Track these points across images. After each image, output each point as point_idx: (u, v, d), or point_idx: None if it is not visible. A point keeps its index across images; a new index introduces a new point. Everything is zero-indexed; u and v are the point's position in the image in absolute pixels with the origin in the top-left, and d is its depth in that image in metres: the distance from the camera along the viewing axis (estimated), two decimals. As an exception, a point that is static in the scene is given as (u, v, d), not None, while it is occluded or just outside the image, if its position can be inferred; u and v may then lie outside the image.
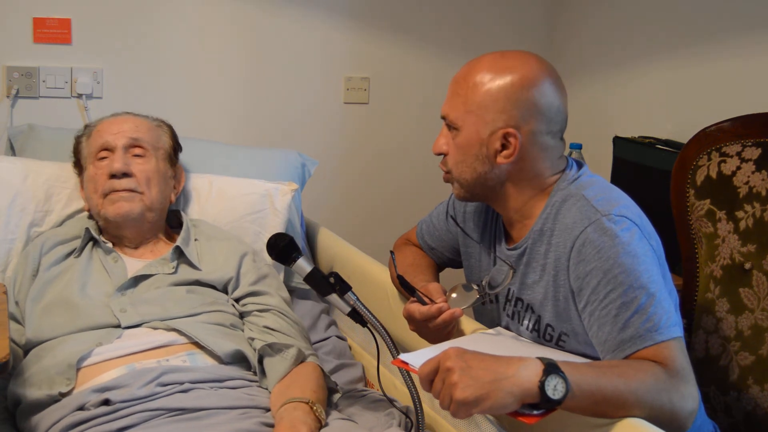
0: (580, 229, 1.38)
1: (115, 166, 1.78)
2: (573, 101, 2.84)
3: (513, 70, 1.42)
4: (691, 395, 1.27)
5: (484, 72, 1.43)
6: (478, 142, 1.44)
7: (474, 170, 1.46)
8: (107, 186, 1.79)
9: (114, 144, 1.82)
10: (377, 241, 2.38)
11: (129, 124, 1.87)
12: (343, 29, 2.76)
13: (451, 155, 1.48)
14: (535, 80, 1.42)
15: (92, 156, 1.85)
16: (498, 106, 1.42)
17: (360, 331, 1.99)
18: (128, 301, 1.68)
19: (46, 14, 2.41)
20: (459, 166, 1.48)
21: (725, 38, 2.34)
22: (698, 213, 1.81)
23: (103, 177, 1.80)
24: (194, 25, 2.59)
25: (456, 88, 1.47)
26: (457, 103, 1.45)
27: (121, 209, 1.77)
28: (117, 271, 1.75)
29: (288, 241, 1.60)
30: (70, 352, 1.55)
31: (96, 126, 1.90)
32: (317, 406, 1.49)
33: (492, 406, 1.16)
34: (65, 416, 1.45)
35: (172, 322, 1.64)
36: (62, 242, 1.82)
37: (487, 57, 1.46)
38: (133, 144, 1.83)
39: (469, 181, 1.48)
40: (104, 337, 1.60)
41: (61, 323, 1.63)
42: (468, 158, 1.46)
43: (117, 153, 1.81)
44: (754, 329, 1.70)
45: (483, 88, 1.42)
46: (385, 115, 2.88)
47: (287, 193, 2.10)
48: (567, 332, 1.43)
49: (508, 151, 1.43)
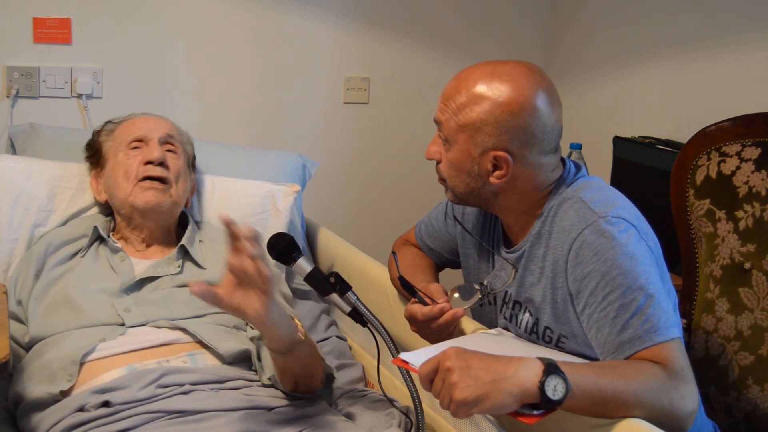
0: (577, 231, 1.38)
1: (154, 155, 1.80)
2: (573, 101, 2.86)
3: (504, 92, 1.38)
4: (691, 395, 1.27)
5: (474, 90, 1.40)
6: (470, 160, 1.43)
7: (467, 185, 1.46)
8: (141, 171, 1.80)
9: (150, 136, 1.85)
10: (377, 241, 2.38)
11: (162, 122, 1.92)
12: (343, 29, 2.76)
13: (444, 167, 1.48)
14: (526, 104, 1.38)
15: (124, 144, 1.86)
16: (488, 130, 1.40)
17: (360, 331, 1.99)
18: (132, 301, 1.68)
19: (46, 14, 2.41)
20: (452, 180, 1.47)
21: (725, 38, 2.34)
22: (698, 213, 1.81)
23: (136, 163, 1.81)
24: (194, 26, 2.59)
25: (447, 101, 1.44)
26: (448, 118, 1.43)
27: (153, 198, 1.78)
28: (124, 270, 1.75)
29: (288, 240, 1.60)
30: (73, 348, 1.55)
31: (125, 120, 1.93)
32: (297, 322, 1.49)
33: (492, 406, 1.16)
34: (65, 417, 1.45)
35: (178, 321, 1.64)
36: (68, 242, 1.82)
37: (479, 71, 1.42)
38: (168, 140, 1.87)
39: (461, 193, 1.48)
40: (108, 333, 1.60)
41: (65, 321, 1.63)
42: (461, 174, 1.45)
43: (152, 144, 1.83)
44: (753, 329, 1.70)
45: (475, 110, 1.39)
46: (385, 115, 2.88)
47: (290, 194, 2.11)
48: (566, 334, 1.43)
49: (500, 172, 1.42)
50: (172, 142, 1.88)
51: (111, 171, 1.86)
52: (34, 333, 1.64)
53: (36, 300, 1.69)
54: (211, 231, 1.92)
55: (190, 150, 1.99)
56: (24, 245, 1.88)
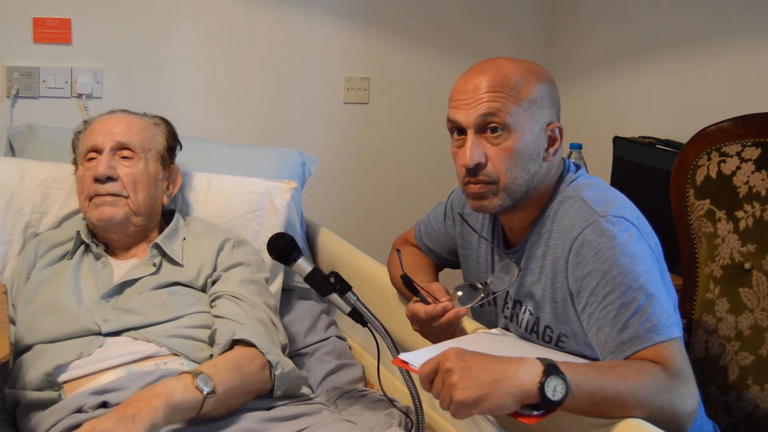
0: (578, 230, 1.38)
1: (99, 170, 1.75)
2: (573, 101, 2.86)
3: (537, 68, 1.45)
4: (691, 395, 1.27)
5: (520, 70, 1.42)
6: (533, 140, 1.42)
7: (528, 172, 1.42)
8: (92, 190, 1.76)
9: (102, 146, 1.79)
10: (377, 241, 2.38)
11: (121, 125, 1.83)
12: (343, 29, 2.76)
13: (499, 162, 1.40)
14: (552, 78, 1.48)
15: (82, 156, 1.83)
16: (546, 103, 1.43)
17: (360, 331, 1.99)
18: (111, 309, 1.66)
19: (46, 14, 2.41)
20: (512, 171, 1.41)
21: (725, 38, 2.34)
22: (698, 213, 1.81)
23: (89, 179, 1.77)
24: (194, 25, 2.59)
25: (497, 89, 1.40)
26: (506, 103, 1.39)
27: (104, 214, 1.75)
28: (103, 277, 1.73)
29: (288, 240, 1.60)
30: (51, 365, 1.54)
31: (91, 124, 1.87)
32: (202, 376, 1.40)
33: (492, 406, 1.16)
34: (64, 418, 1.45)
35: (152, 331, 1.61)
36: (58, 244, 1.81)
37: (500, 59, 1.45)
38: (121, 147, 1.80)
39: (521, 186, 1.42)
40: (85, 347, 1.58)
41: (48, 328, 1.62)
42: (523, 160, 1.41)
43: (103, 156, 1.77)
44: (753, 329, 1.70)
45: (532, 85, 1.41)
46: (385, 115, 2.88)
47: (286, 191, 2.08)
48: (566, 333, 1.43)
49: (554, 147, 1.45)
50: (127, 146, 1.80)
51: (76, 184, 1.85)
52: (19, 336, 1.63)
53: (25, 303, 1.69)
54: (196, 226, 1.89)
55: (162, 143, 1.88)
56: (18, 246, 1.88)
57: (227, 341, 1.55)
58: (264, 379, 1.54)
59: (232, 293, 1.69)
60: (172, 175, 1.92)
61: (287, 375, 1.56)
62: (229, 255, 1.80)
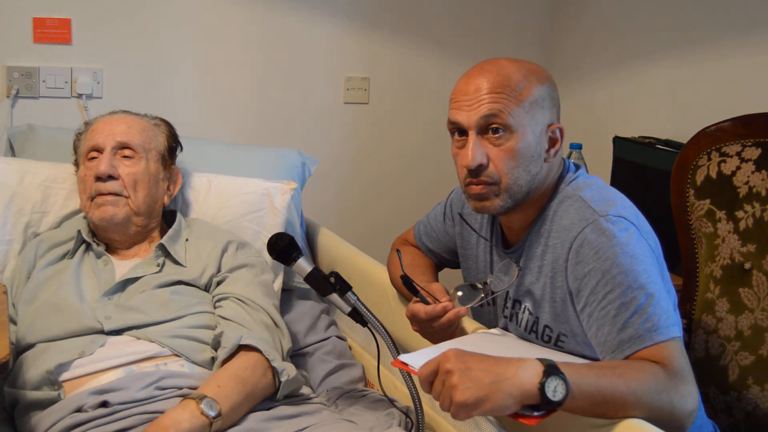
0: (577, 230, 1.38)
1: (100, 169, 1.76)
2: (573, 101, 2.86)
3: (539, 68, 1.45)
4: (691, 395, 1.27)
5: (522, 70, 1.42)
6: (534, 141, 1.42)
7: (529, 172, 1.42)
8: (93, 189, 1.77)
9: (103, 145, 1.80)
10: (377, 241, 2.38)
11: (122, 125, 1.84)
12: (343, 29, 2.76)
13: (501, 162, 1.40)
14: (552, 79, 1.47)
15: (83, 156, 1.84)
16: (547, 104, 1.43)
17: (360, 331, 1.99)
18: (113, 307, 1.66)
19: (46, 14, 2.41)
20: (514, 172, 1.40)
21: (725, 38, 2.34)
22: (698, 213, 1.81)
23: (90, 179, 1.78)
24: (194, 25, 2.59)
25: (498, 90, 1.40)
26: (508, 104, 1.39)
27: (105, 213, 1.75)
28: (105, 275, 1.73)
29: (288, 240, 1.60)
30: (53, 364, 1.54)
31: (92, 125, 1.88)
32: (207, 400, 1.42)
33: (492, 407, 1.16)
34: (63, 418, 1.45)
35: (154, 331, 1.62)
36: (58, 244, 1.81)
37: (500, 60, 1.45)
38: (122, 146, 1.80)
39: (522, 187, 1.42)
40: (87, 345, 1.58)
41: (50, 326, 1.62)
42: (524, 161, 1.41)
43: (104, 155, 1.78)
44: (754, 329, 1.70)
45: (533, 85, 1.41)
46: (385, 115, 2.88)
47: (286, 192, 2.08)
48: (565, 333, 1.43)
49: (554, 149, 1.45)
50: (128, 146, 1.81)
51: (77, 184, 1.86)
52: (20, 335, 1.63)
53: (25, 303, 1.69)
54: (198, 227, 1.89)
55: (162, 143, 1.89)
56: (18, 246, 1.88)
57: (233, 345, 1.56)
58: (268, 385, 1.56)
59: (238, 295, 1.70)
60: (172, 175, 1.92)
61: (292, 381, 1.59)
62: (234, 256, 1.81)
